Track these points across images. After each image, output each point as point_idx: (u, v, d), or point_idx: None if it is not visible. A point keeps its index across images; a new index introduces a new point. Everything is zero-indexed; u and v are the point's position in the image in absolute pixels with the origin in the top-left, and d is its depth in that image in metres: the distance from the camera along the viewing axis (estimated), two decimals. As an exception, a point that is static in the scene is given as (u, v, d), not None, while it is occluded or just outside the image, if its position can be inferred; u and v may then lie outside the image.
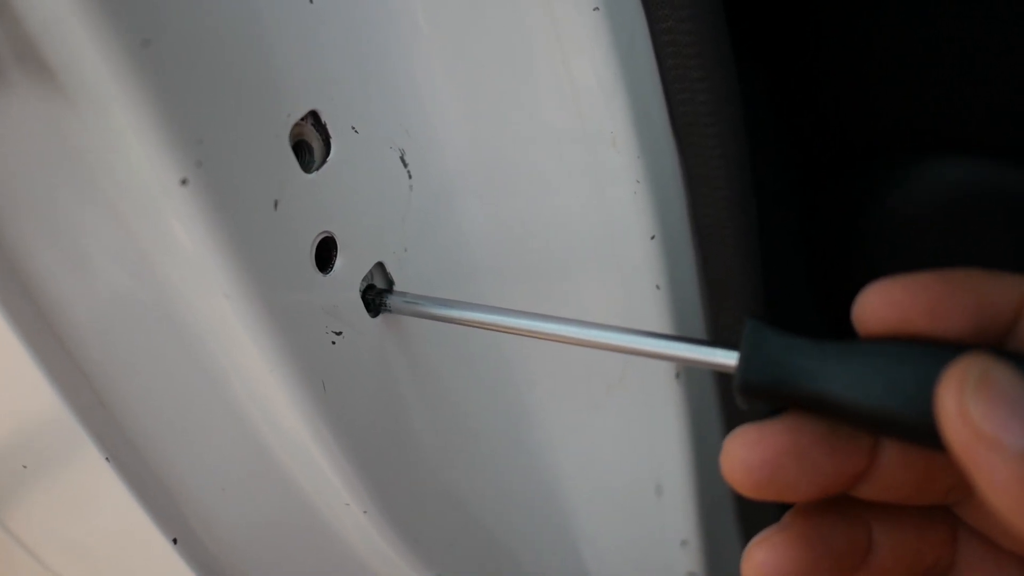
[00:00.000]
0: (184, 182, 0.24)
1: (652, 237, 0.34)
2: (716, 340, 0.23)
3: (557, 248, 0.35)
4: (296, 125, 0.28)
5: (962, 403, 0.17)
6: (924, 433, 0.19)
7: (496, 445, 0.39)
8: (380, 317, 0.31)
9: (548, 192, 0.34)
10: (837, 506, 0.23)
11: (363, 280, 0.31)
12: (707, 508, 0.42)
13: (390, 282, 0.32)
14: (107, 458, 0.28)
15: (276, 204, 0.27)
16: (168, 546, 0.30)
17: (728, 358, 0.23)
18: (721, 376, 0.41)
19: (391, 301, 0.31)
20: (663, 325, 0.36)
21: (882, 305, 0.21)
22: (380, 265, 0.32)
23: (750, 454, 0.21)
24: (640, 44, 0.32)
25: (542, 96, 0.32)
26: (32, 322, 0.26)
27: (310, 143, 0.29)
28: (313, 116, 0.29)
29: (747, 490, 0.21)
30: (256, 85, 0.26)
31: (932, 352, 0.19)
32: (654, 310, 0.35)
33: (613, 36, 0.30)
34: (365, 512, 0.31)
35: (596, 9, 0.30)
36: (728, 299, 0.38)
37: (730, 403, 0.42)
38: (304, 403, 0.29)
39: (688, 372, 0.38)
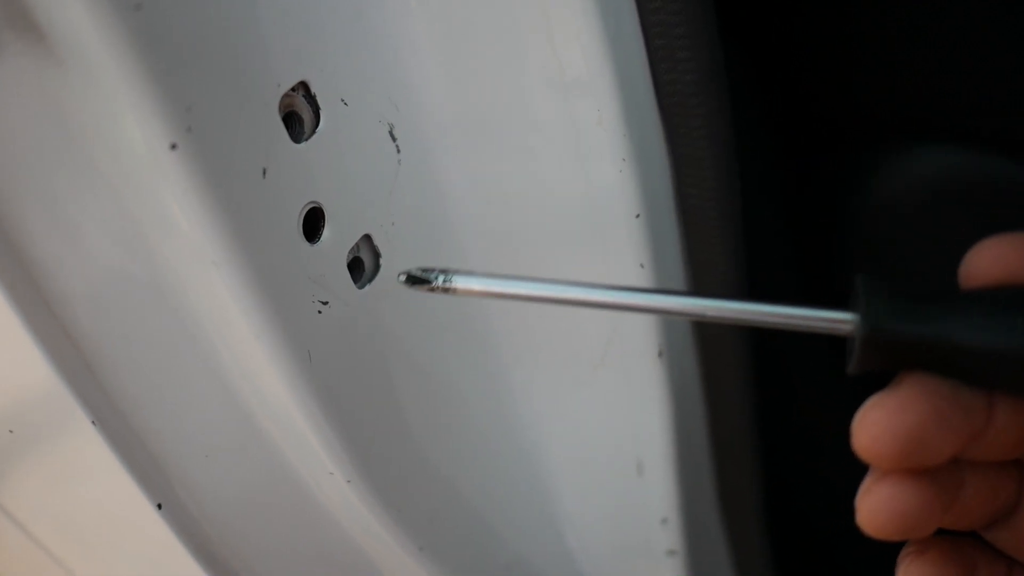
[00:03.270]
0: (173, 147, 0.24)
1: (637, 216, 0.34)
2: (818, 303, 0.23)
3: (542, 226, 0.36)
4: (286, 96, 0.28)
5: None
6: None
7: (480, 420, 0.39)
8: (367, 288, 0.32)
9: (534, 170, 0.35)
10: None
11: (350, 252, 0.31)
12: (688, 486, 0.43)
13: (376, 254, 0.32)
14: (93, 421, 0.28)
15: (264, 172, 0.27)
16: (152, 511, 0.30)
17: (842, 316, 0.22)
18: (705, 354, 0.41)
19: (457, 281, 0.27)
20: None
21: (992, 261, 0.21)
22: (367, 237, 0.32)
23: (897, 422, 0.20)
24: (627, 23, 0.32)
25: (529, 74, 0.32)
26: (20, 286, 0.26)
27: (300, 114, 0.29)
28: (303, 87, 0.29)
29: (891, 462, 0.21)
30: (247, 53, 0.26)
31: None
32: (638, 288, 0.36)
33: (601, 14, 0.30)
34: (349, 482, 0.32)
35: (585, -14, 0.30)
36: (712, 279, 0.39)
37: (713, 382, 0.42)
38: (289, 372, 0.29)
39: (671, 351, 0.38)
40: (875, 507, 0.22)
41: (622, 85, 0.32)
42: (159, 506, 0.30)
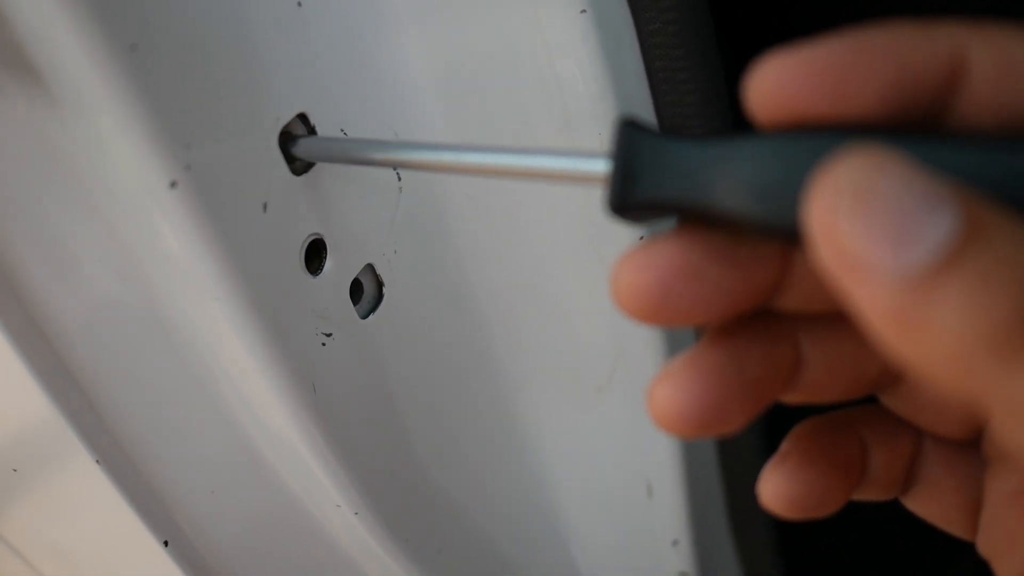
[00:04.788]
0: (173, 185, 0.24)
1: (640, 238, 0.34)
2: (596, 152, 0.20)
3: (544, 251, 0.36)
4: (285, 127, 0.28)
5: (832, 219, 0.14)
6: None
7: (487, 446, 0.39)
8: (370, 318, 0.32)
9: (535, 195, 0.34)
10: (755, 324, 0.19)
11: (352, 282, 0.31)
12: (698, 508, 0.42)
13: (379, 283, 0.32)
14: (97, 461, 0.28)
15: (265, 206, 0.27)
16: (159, 548, 0.30)
17: (597, 166, 0.19)
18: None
19: (305, 145, 0.28)
20: (650, 330, 0.36)
21: (776, 86, 0.16)
22: (370, 266, 0.32)
23: (637, 278, 0.18)
24: (627, 46, 0.32)
25: (529, 99, 0.32)
26: (22, 325, 0.26)
27: (299, 145, 0.29)
28: (302, 118, 0.29)
29: (639, 317, 0.18)
30: (245, 88, 0.26)
31: (822, 142, 0.15)
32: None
33: (599, 38, 0.30)
34: (356, 513, 0.32)
35: (583, 11, 0.30)
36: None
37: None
38: (294, 405, 0.29)
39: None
40: (661, 403, 0.18)
41: (623, 109, 0.32)
42: (165, 543, 0.30)
